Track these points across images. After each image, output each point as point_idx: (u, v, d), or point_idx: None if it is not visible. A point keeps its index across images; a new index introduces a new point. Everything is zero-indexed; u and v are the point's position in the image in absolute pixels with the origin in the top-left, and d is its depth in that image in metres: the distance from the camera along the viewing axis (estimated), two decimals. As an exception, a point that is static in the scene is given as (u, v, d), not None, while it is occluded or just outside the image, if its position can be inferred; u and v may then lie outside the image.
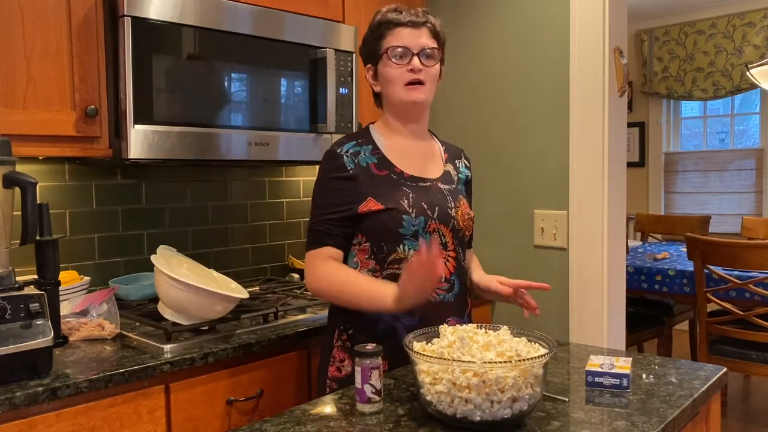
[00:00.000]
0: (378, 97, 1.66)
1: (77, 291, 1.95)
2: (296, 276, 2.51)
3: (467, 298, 1.69)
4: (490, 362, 1.13)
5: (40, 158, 2.00)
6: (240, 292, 1.86)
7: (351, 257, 1.60)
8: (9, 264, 1.51)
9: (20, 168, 1.55)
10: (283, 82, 2.12)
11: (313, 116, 2.20)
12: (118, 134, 1.82)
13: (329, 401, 1.33)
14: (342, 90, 2.25)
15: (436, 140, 1.74)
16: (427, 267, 1.32)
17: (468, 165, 1.77)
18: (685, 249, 3.50)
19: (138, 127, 1.80)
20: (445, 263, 1.58)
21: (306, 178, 2.74)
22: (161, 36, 1.84)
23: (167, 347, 1.65)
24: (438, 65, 1.59)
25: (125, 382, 1.52)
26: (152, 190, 2.29)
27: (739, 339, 3.24)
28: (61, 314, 1.71)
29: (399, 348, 1.39)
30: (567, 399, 1.31)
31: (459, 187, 1.67)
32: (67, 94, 1.77)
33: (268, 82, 2.08)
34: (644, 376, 1.45)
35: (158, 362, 1.57)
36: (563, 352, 1.66)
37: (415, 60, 1.53)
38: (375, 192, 1.53)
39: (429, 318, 1.53)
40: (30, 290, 1.50)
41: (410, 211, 1.52)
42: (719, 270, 3.29)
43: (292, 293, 2.23)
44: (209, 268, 2.00)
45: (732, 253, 3.18)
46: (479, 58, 2.60)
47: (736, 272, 3.29)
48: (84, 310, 1.83)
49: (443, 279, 1.56)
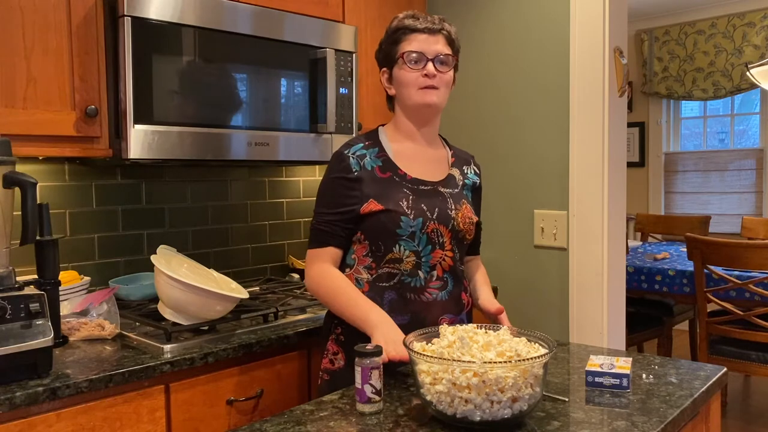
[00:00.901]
0: (390, 101, 1.70)
1: (77, 291, 1.95)
2: (296, 276, 2.51)
3: (463, 298, 1.69)
4: (490, 362, 1.13)
5: (40, 158, 2.00)
6: (240, 292, 1.86)
7: (350, 253, 1.63)
8: (9, 264, 1.51)
9: (20, 168, 1.55)
10: (283, 82, 2.12)
11: (313, 116, 2.20)
12: (118, 134, 1.82)
13: (329, 401, 1.33)
14: (342, 90, 2.25)
15: (446, 145, 1.77)
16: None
17: (477, 172, 1.79)
18: (685, 249, 3.50)
19: (138, 127, 1.80)
20: (441, 262, 1.61)
21: (306, 178, 2.74)
22: (161, 36, 1.84)
23: (167, 347, 1.65)
24: (451, 71, 1.63)
25: (125, 382, 1.52)
26: (152, 190, 2.29)
27: (739, 339, 3.24)
28: (61, 314, 1.71)
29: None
30: (567, 399, 1.31)
31: (464, 192, 1.70)
32: (67, 94, 1.77)
33: (268, 82, 2.08)
34: (644, 376, 1.45)
35: (158, 362, 1.57)
36: (563, 352, 1.66)
37: (430, 65, 1.58)
38: (376, 194, 1.57)
39: (420, 316, 1.58)
40: (30, 290, 1.50)
41: (408, 213, 1.56)
42: (719, 270, 3.29)
43: (292, 293, 2.23)
44: (209, 268, 2.00)
45: (732, 253, 3.18)
46: (479, 58, 2.60)
47: (736, 272, 3.30)
48: (84, 310, 1.83)
49: (436, 277, 1.61)
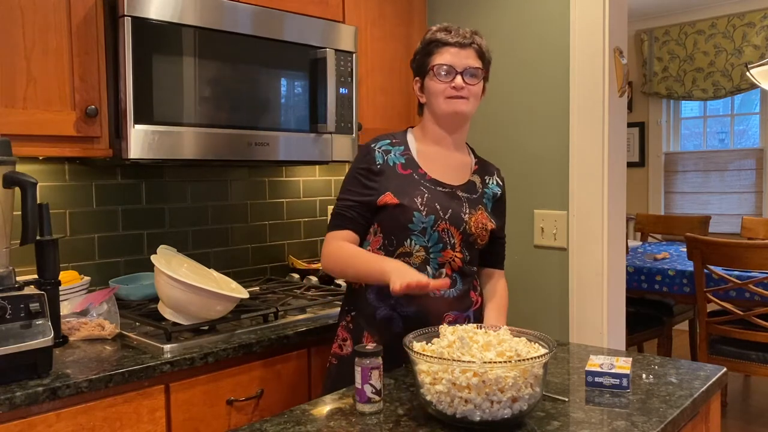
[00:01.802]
0: (421, 107, 1.77)
1: (77, 291, 1.95)
2: (296, 276, 2.51)
3: (471, 296, 1.72)
4: (490, 362, 1.13)
5: (40, 158, 2.00)
6: (240, 292, 1.86)
7: (365, 246, 1.70)
8: (9, 264, 1.52)
9: (20, 168, 1.55)
10: (283, 82, 2.12)
11: (313, 116, 2.20)
12: (119, 134, 1.82)
13: (329, 401, 1.33)
14: (342, 90, 2.25)
15: (471, 154, 1.82)
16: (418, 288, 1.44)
17: (500, 184, 1.82)
18: (685, 249, 3.50)
19: (138, 127, 1.80)
20: (450, 262, 1.66)
21: (306, 178, 2.74)
22: (161, 36, 1.84)
23: (167, 347, 1.65)
24: (481, 83, 1.70)
25: (125, 382, 1.52)
26: (152, 190, 2.29)
27: (739, 339, 3.24)
28: (61, 314, 1.71)
29: (394, 337, 1.58)
30: (567, 399, 1.31)
31: (483, 201, 1.74)
32: (67, 94, 1.77)
33: (269, 82, 2.08)
34: (644, 376, 1.45)
35: (158, 362, 1.57)
36: (563, 352, 1.66)
37: (458, 78, 1.64)
38: (395, 188, 1.64)
39: (427, 310, 1.63)
40: (30, 290, 1.50)
41: (421, 209, 1.62)
42: (719, 270, 3.29)
43: (292, 293, 2.23)
44: (209, 268, 2.00)
45: (732, 253, 3.18)
46: (479, 58, 2.60)
47: (736, 272, 3.29)
48: (84, 310, 1.83)
49: (444, 275, 1.66)
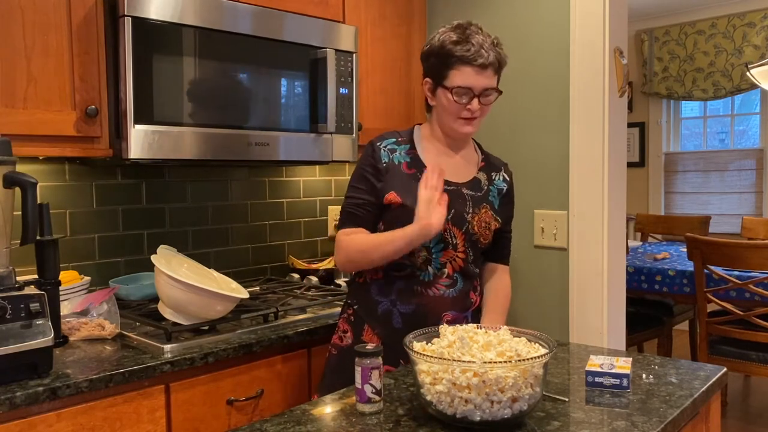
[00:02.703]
0: (429, 107, 1.77)
1: (77, 291, 1.95)
2: (296, 276, 2.51)
3: (471, 297, 1.73)
4: (490, 362, 1.13)
5: (41, 158, 2.00)
6: (240, 292, 1.86)
7: None
8: (9, 264, 1.52)
9: (20, 168, 1.55)
10: (284, 82, 2.12)
11: (313, 116, 2.20)
12: (119, 134, 1.82)
13: (329, 401, 1.33)
14: (342, 90, 2.25)
15: (478, 150, 1.82)
16: (432, 182, 1.49)
17: (507, 179, 1.81)
18: (685, 249, 3.50)
19: (138, 127, 1.80)
20: (451, 262, 1.67)
21: (306, 178, 2.74)
22: (161, 36, 1.84)
23: (167, 347, 1.65)
24: (493, 99, 1.68)
25: (125, 382, 1.52)
26: (152, 190, 2.29)
27: (739, 339, 3.24)
28: (62, 314, 1.71)
29: (393, 331, 1.64)
30: (567, 399, 1.31)
31: (489, 198, 1.74)
32: (68, 94, 1.77)
33: (269, 82, 2.08)
34: (644, 376, 1.45)
35: (158, 362, 1.57)
36: (563, 352, 1.66)
37: (475, 102, 1.62)
38: (399, 187, 1.65)
39: (425, 308, 1.66)
40: (30, 290, 1.50)
41: None
42: (719, 270, 3.29)
43: (292, 293, 2.23)
44: (209, 268, 2.00)
45: (732, 254, 3.18)
46: (479, 58, 2.60)
47: (736, 272, 3.29)
48: (84, 310, 1.83)
49: (446, 275, 1.66)
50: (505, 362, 1.13)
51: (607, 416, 1.23)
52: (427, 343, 1.27)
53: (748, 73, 3.82)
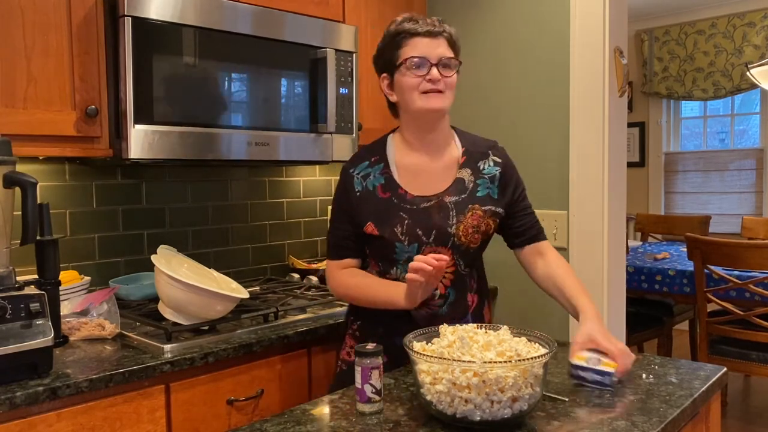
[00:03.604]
0: (393, 107, 1.66)
1: (77, 291, 1.95)
2: (296, 276, 2.51)
3: (467, 300, 1.67)
4: (490, 362, 1.13)
5: (41, 158, 2.00)
6: (240, 292, 1.86)
7: (366, 266, 1.69)
8: (9, 264, 1.52)
9: (20, 168, 1.55)
10: (284, 82, 2.12)
11: (314, 116, 2.20)
12: (119, 134, 1.82)
13: (329, 401, 1.33)
14: (342, 90, 2.25)
15: (457, 143, 1.68)
16: (426, 270, 1.39)
17: (498, 161, 1.66)
18: (685, 249, 3.50)
19: (138, 127, 1.80)
20: (441, 281, 1.58)
21: (306, 178, 2.74)
22: (161, 36, 1.84)
23: (167, 347, 1.65)
24: (455, 74, 1.58)
25: (125, 382, 1.52)
26: (152, 190, 2.29)
27: (739, 339, 3.24)
28: (62, 314, 1.71)
29: (396, 347, 1.49)
30: (567, 399, 1.31)
31: (477, 194, 1.61)
32: (68, 94, 1.77)
33: (269, 82, 2.08)
34: (644, 376, 1.45)
35: (158, 362, 1.57)
36: (563, 352, 1.66)
37: (434, 70, 1.53)
38: (375, 217, 1.59)
39: (420, 326, 1.53)
40: (30, 290, 1.50)
41: (402, 239, 1.56)
42: (719, 270, 3.29)
43: (292, 293, 2.23)
44: (209, 268, 2.00)
45: (732, 253, 3.18)
46: (479, 58, 2.60)
47: (736, 272, 3.29)
48: (84, 310, 1.83)
49: (438, 296, 1.60)
50: (505, 362, 1.13)
51: (607, 416, 1.23)
52: (427, 343, 1.27)
53: (748, 73, 3.82)
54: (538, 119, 2.42)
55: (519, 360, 1.14)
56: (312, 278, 2.39)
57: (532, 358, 1.14)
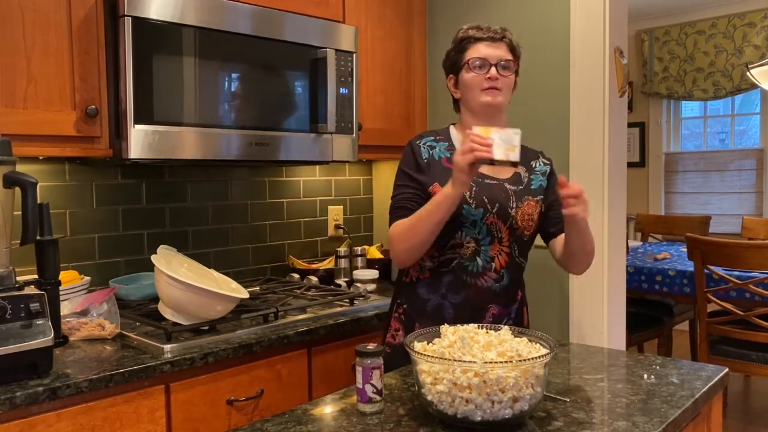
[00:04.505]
0: (456, 104, 1.83)
1: (77, 291, 1.94)
2: (296, 276, 2.51)
3: (517, 293, 1.79)
4: (491, 362, 1.13)
5: (41, 158, 2.00)
6: (240, 292, 1.86)
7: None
8: (9, 264, 1.51)
9: (20, 168, 1.55)
10: (284, 82, 2.12)
11: (314, 116, 2.20)
12: (119, 134, 1.82)
13: (330, 401, 1.33)
14: (342, 90, 2.25)
15: None
16: (472, 140, 1.51)
17: (547, 162, 1.87)
18: (686, 249, 3.50)
19: (138, 127, 1.80)
20: (498, 257, 1.71)
21: (306, 178, 2.74)
22: (162, 36, 1.83)
23: (167, 347, 1.64)
24: (513, 76, 1.75)
25: (125, 382, 1.52)
26: (152, 190, 2.29)
27: (740, 339, 3.23)
28: (62, 314, 1.71)
29: (444, 322, 1.63)
30: (568, 399, 1.31)
31: (532, 187, 1.77)
32: (68, 94, 1.77)
33: (269, 82, 2.08)
34: (645, 377, 1.45)
35: (158, 362, 1.57)
36: (563, 352, 1.66)
37: (493, 70, 1.70)
38: (442, 180, 1.67)
39: (473, 300, 1.70)
40: (30, 290, 1.50)
41: (470, 202, 1.67)
42: (719, 270, 3.29)
43: (293, 293, 2.23)
44: (209, 268, 1.99)
45: (732, 254, 3.18)
46: (479, 58, 2.60)
47: (737, 272, 3.29)
48: (84, 310, 1.83)
49: (494, 269, 1.70)
50: (506, 362, 1.12)
51: (608, 416, 1.23)
52: (428, 343, 1.27)
53: (748, 73, 3.82)
54: (538, 119, 2.41)
55: (520, 360, 1.14)
56: (312, 278, 2.39)
57: (533, 359, 1.14)
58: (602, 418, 1.22)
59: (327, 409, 1.29)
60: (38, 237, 1.58)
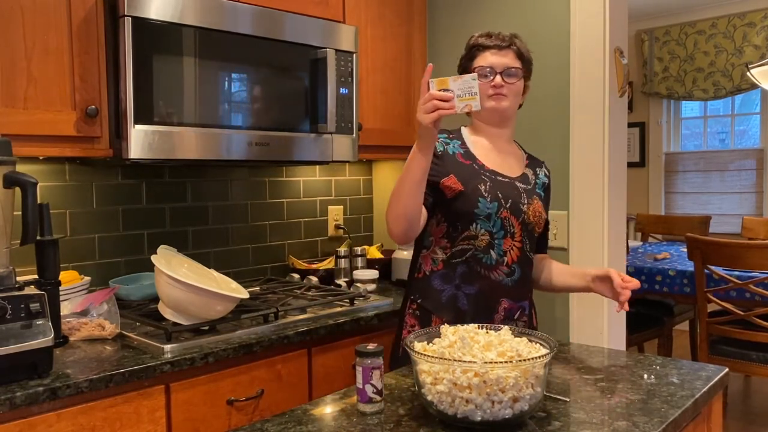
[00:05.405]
0: None
1: (78, 291, 1.94)
2: (296, 276, 2.51)
3: (528, 287, 1.83)
4: (491, 362, 1.13)
5: (41, 158, 2.00)
6: (240, 292, 1.86)
7: (426, 236, 1.78)
8: (9, 264, 1.51)
9: (20, 168, 1.55)
10: (284, 83, 2.12)
11: (314, 116, 2.20)
12: (119, 134, 1.82)
13: (330, 401, 1.33)
14: (342, 90, 2.25)
15: (521, 148, 1.93)
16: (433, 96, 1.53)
17: (547, 174, 1.94)
18: (686, 249, 3.50)
19: (138, 127, 1.80)
20: (510, 251, 1.75)
21: (306, 178, 2.74)
22: (162, 36, 1.83)
23: (167, 347, 1.64)
24: (520, 81, 1.80)
25: (125, 382, 1.52)
26: (152, 190, 2.29)
27: (740, 339, 3.23)
28: (62, 314, 1.71)
29: (460, 314, 1.72)
30: (568, 399, 1.31)
31: (537, 190, 1.84)
32: (68, 94, 1.77)
33: (269, 82, 2.08)
34: (645, 377, 1.45)
35: (158, 362, 1.57)
36: (563, 352, 1.66)
37: (498, 78, 1.75)
38: (457, 173, 1.72)
39: (485, 292, 1.73)
40: (30, 290, 1.50)
41: (486, 196, 1.71)
42: (719, 270, 3.29)
43: (292, 293, 2.23)
44: (209, 268, 1.99)
45: (732, 254, 3.18)
46: (479, 58, 2.59)
47: (737, 272, 3.29)
48: (84, 310, 1.83)
49: (506, 263, 1.74)
50: (506, 362, 1.12)
51: (609, 416, 1.23)
52: (429, 343, 1.27)
53: (748, 73, 3.82)
54: (538, 119, 2.41)
55: (520, 360, 1.14)
56: (312, 278, 2.39)
57: (533, 359, 1.14)
58: (602, 418, 1.22)
59: (327, 409, 1.29)
60: (38, 237, 1.58)
